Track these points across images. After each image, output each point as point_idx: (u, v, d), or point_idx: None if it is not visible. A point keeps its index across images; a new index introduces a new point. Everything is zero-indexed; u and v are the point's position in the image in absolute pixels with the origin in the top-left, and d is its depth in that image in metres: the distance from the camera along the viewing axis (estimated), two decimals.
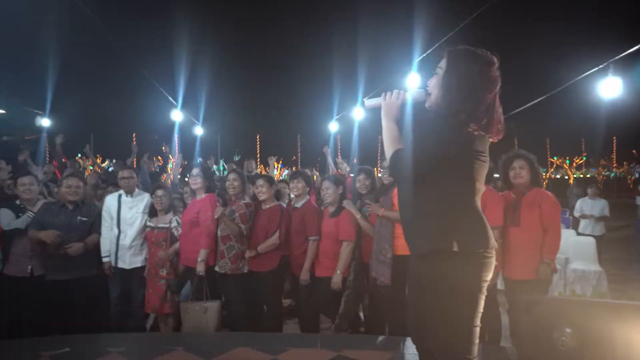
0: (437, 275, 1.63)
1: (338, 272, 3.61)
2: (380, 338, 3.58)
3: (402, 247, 3.29)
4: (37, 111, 12.14)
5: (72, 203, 3.90)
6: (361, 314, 4.26)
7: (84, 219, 3.94)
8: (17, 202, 3.96)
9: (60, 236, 3.65)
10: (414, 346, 1.87)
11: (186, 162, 7.90)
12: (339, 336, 3.63)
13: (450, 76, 1.66)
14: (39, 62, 11.50)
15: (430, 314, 1.67)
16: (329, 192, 3.82)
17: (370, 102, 1.87)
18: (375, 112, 1.86)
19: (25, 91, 13.06)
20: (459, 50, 1.71)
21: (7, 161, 5.30)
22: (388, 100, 1.77)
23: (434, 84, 1.74)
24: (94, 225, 4.01)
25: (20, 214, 3.88)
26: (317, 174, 7.24)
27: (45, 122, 11.25)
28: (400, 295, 2.22)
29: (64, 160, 6.90)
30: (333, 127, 13.95)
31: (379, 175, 5.89)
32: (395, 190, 3.45)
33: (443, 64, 1.73)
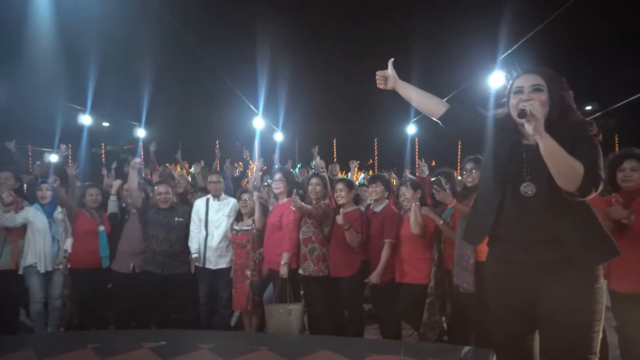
0: (598, 281, 1.75)
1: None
2: (466, 349, 3.41)
3: (484, 253, 3.11)
4: (134, 122, 13.38)
5: (166, 208, 4.24)
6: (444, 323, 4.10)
7: (181, 219, 4.27)
8: (124, 204, 4.43)
9: None
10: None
11: (265, 167, 8.17)
12: (423, 345, 3.52)
13: (565, 97, 1.80)
14: (136, 78, 12.63)
15: (579, 320, 1.72)
16: (407, 197, 3.74)
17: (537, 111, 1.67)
18: None
19: (125, 105, 14.41)
20: (554, 73, 1.83)
21: (109, 169, 5.87)
22: (538, 114, 1.62)
23: (542, 100, 1.74)
24: (189, 225, 4.32)
25: (127, 217, 4.35)
26: (395, 177, 7.11)
27: (141, 132, 12.33)
28: (485, 303, 2.10)
29: (157, 167, 7.48)
30: (411, 129, 13.68)
31: (459, 177, 5.65)
32: None
33: (540, 81, 1.79)
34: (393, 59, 2.09)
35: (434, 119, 2.04)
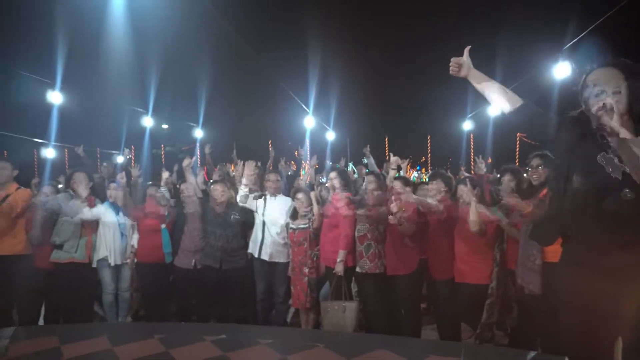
0: None
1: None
2: (532, 354, 3.24)
3: (553, 254, 2.93)
4: (192, 124, 13.95)
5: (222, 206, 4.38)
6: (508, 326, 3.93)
7: (237, 216, 4.40)
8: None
9: None
10: None
11: (317, 166, 8.20)
12: (485, 348, 3.38)
13: None
14: (193, 81, 13.15)
15: None
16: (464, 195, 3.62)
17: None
18: None
19: (183, 107, 15.04)
20: (633, 63, 1.70)
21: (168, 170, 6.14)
22: (618, 110, 1.55)
23: (620, 95, 1.63)
24: (246, 223, 4.46)
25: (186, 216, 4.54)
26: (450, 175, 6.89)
27: (198, 133, 12.84)
28: (553, 306, 1.98)
29: (214, 168, 7.74)
30: (466, 125, 13.27)
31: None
32: (544, 192, 3.11)
33: (618, 75, 1.67)
34: (470, 46, 2.02)
35: (505, 112, 1.96)
